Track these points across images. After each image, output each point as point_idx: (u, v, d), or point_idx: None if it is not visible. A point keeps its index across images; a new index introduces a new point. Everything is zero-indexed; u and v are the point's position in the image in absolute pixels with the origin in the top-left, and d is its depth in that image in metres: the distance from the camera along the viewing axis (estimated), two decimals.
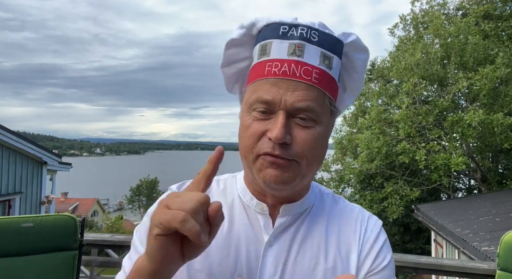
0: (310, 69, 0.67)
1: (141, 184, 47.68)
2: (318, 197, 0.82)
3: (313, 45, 0.68)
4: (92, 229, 26.84)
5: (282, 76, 0.66)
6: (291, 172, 0.67)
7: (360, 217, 0.79)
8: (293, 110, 0.65)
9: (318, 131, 0.68)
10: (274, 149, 0.65)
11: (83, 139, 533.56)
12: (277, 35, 0.69)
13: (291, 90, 0.65)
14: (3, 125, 8.42)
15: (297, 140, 0.66)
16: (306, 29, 0.68)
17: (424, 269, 2.34)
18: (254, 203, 0.75)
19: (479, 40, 11.60)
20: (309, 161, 0.68)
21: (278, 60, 0.67)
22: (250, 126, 0.68)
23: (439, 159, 10.80)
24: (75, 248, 1.79)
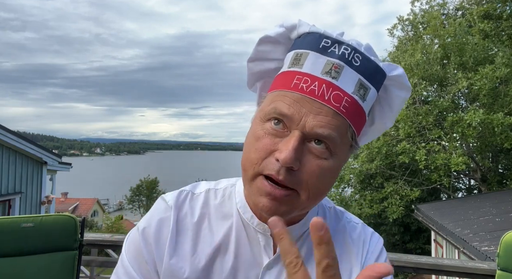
0: (342, 96, 0.60)
1: (141, 184, 47.67)
2: (320, 213, 0.77)
3: (353, 69, 0.61)
4: (92, 229, 26.84)
5: (309, 94, 0.59)
6: (289, 206, 0.61)
7: (363, 237, 0.75)
8: (311, 135, 0.58)
9: (331, 164, 0.60)
10: (278, 173, 0.58)
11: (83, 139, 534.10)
12: (317, 48, 0.62)
13: (314, 113, 0.58)
14: (3, 126, 8.43)
15: (305, 168, 0.59)
16: (350, 49, 0.62)
17: (424, 269, 2.34)
18: (255, 222, 0.69)
19: (478, 40, 11.61)
20: (311, 194, 0.61)
21: (309, 76, 0.60)
22: (260, 139, 0.61)
23: (439, 159, 10.81)
24: (75, 248, 1.79)
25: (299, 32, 0.66)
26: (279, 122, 0.60)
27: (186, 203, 0.72)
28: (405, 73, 0.68)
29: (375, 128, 0.72)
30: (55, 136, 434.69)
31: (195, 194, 0.74)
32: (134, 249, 0.69)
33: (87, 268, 2.98)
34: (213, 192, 0.75)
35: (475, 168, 13.36)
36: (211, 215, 0.71)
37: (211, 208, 0.73)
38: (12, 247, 1.69)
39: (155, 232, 0.68)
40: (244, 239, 0.69)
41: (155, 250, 0.67)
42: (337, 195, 14.31)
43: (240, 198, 0.72)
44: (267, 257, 0.68)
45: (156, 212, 0.71)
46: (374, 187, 13.99)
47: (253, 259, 0.68)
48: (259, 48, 0.70)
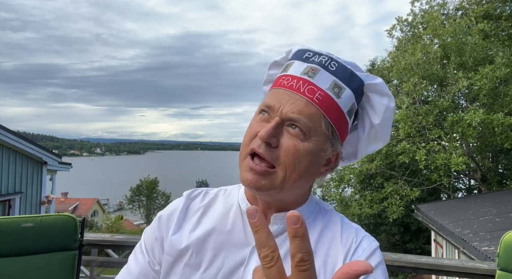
0: (315, 90, 0.71)
1: (141, 184, 47.62)
2: (314, 213, 0.81)
3: (328, 73, 0.73)
4: (92, 229, 26.85)
5: (288, 88, 0.72)
6: (268, 181, 0.69)
7: (353, 236, 0.77)
8: (287, 119, 0.69)
9: (306, 146, 0.70)
10: (259, 147, 0.69)
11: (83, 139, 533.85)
12: (301, 58, 0.77)
13: (290, 102, 0.70)
14: (3, 126, 8.42)
15: (282, 146, 0.69)
16: (327, 58, 0.75)
17: (424, 269, 2.34)
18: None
19: (478, 40, 11.60)
20: (288, 172, 0.69)
21: (291, 76, 0.74)
22: (252, 126, 0.74)
23: (439, 159, 10.80)
24: (75, 248, 1.79)
25: (293, 52, 0.81)
26: (265, 113, 0.73)
27: (198, 197, 0.86)
28: (384, 84, 0.78)
29: (372, 138, 0.82)
30: (55, 136, 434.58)
31: (208, 192, 0.88)
32: (151, 230, 0.83)
33: (87, 268, 2.98)
34: (223, 190, 0.88)
35: (475, 168, 13.36)
36: (217, 204, 0.84)
37: (218, 199, 0.85)
38: (12, 247, 1.69)
39: (167, 216, 0.82)
40: (239, 224, 0.79)
41: (165, 229, 0.80)
42: (337, 195, 14.30)
43: (241, 193, 0.84)
44: None
45: (173, 203, 0.87)
46: (374, 187, 13.99)
47: (245, 240, 0.76)
48: (269, 72, 0.88)
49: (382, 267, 0.75)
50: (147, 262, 0.80)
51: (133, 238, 2.64)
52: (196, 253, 0.77)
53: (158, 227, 0.82)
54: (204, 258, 0.76)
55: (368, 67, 17.09)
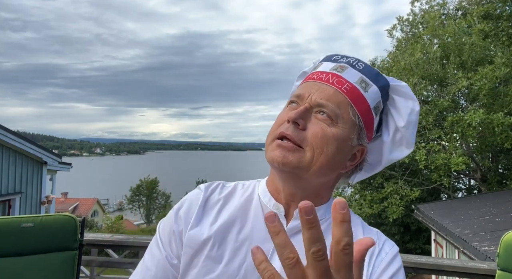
0: (343, 82, 0.75)
1: (141, 184, 47.64)
2: None
3: (356, 70, 0.77)
4: (92, 229, 26.85)
5: (318, 80, 0.77)
6: (295, 157, 0.70)
7: (375, 238, 0.78)
8: (315, 105, 0.73)
9: (333, 131, 0.72)
10: (287, 129, 0.71)
11: (83, 139, 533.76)
12: (330, 60, 0.82)
13: (319, 91, 0.74)
14: (3, 126, 8.42)
15: (310, 129, 0.72)
16: (354, 59, 0.80)
17: (424, 269, 2.34)
18: (272, 204, 0.79)
19: (478, 40, 11.59)
20: (316, 154, 0.71)
21: (321, 72, 0.78)
22: (282, 114, 0.77)
23: (439, 159, 10.80)
24: (75, 248, 1.79)
25: (320, 59, 0.85)
26: (294, 103, 0.76)
27: (216, 190, 0.85)
28: (410, 89, 0.80)
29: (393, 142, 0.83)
30: (55, 136, 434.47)
31: (226, 185, 0.87)
32: (167, 223, 0.81)
33: (87, 268, 2.98)
34: (241, 184, 0.87)
35: (475, 168, 13.35)
36: (236, 197, 0.83)
37: (237, 192, 0.85)
38: (12, 247, 1.69)
39: (186, 209, 0.81)
40: (260, 217, 0.78)
41: (184, 222, 0.79)
42: (337, 195, 14.30)
43: (262, 187, 0.83)
44: None
45: (189, 195, 0.84)
46: (374, 187, 13.99)
47: (266, 236, 0.72)
48: (297, 83, 0.90)
49: (403, 271, 0.76)
50: (165, 256, 0.78)
51: (133, 238, 2.64)
52: (218, 245, 0.75)
53: (175, 220, 0.80)
54: (226, 251, 0.75)
55: None
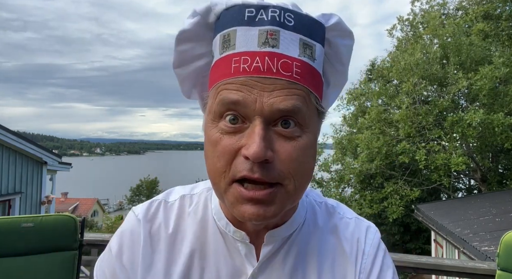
0: (290, 62, 0.52)
1: (141, 184, 47.66)
2: (310, 210, 0.69)
3: (290, 31, 0.53)
4: (92, 229, 26.84)
5: (254, 73, 0.51)
6: (277, 204, 0.53)
7: (357, 235, 0.68)
8: (274, 115, 0.51)
9: (306, 141, 0.53)
10: (252, 170, 0.50)
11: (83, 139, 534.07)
12: (243, 21, 0.53)
13: (268, 90, 0.51)
14: (3, 126, 8.42)
15: (280, 155, 0.51)
16: (278, 11, 0.53)
17: (424, 269, 2.34)
18: (231, 230, 0.62)
19: (476, 40, 11.59)
20: (298, 182, 0.53)
21: (247, 54, 0.52)
22: (219, 143, 0.52)
23: (439, 159, 10.80)
24: (75, 248, 1.79)
25: (216, 13, 0.56)
26: (235, 119, 0.52)
27: (159, 214, 0.65)
28: (342, 19, 0.60)
29: (334, 87, 0.65)
30: (55, 136, 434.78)
31: (168, 203, 0.67)
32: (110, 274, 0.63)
33: (87, 268, 2.98)
34: (188, 198, 0.68)
35: (475, 168, 13.35)
36: (186, 225, 0.65)
37: (185, 216, 0.66)
38: (12, 247, 1.69)
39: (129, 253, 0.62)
40: (222, 249, 0.63)
41: (131, 274, 0.62)
42: (337, 195, 14.30)
43: (215, 204, 0.65)
44: (251, 266, 0.61)
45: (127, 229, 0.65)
46: (374, 187, 13.98)
47: (236, 270, 0.62)
48: (179, 48, 0.60)
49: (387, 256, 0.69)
50: None
51: None
52: None
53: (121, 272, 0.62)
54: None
55: (368, 67, 17.09)
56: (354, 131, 15.65)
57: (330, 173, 14.94)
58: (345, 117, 16.55)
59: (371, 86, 15.62)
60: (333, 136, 16.32)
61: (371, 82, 16.12)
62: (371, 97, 14.19)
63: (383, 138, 12.38)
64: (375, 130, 12.80)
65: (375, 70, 16.16)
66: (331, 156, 15.36)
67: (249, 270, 0.61)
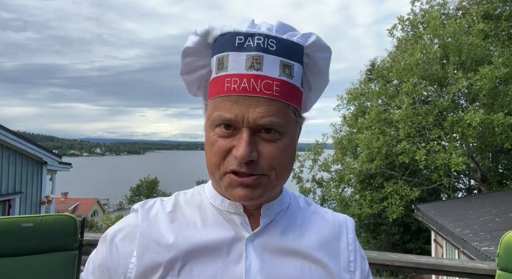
0: (271, 82, 0.65)
1: (141, 184, 47.67)
2: (293, 200, 0.82)
3: (271, 55, 0.66)
4: (92, 229, 26.85)
5: (242, 92, 0.64)
6: (261, 188, 0.67)
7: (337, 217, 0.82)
8: (257, 127, 0.64)
9: (285, 143, 0.67)
10: (240, 166, 0.64)
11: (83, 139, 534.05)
12: (233, 47, 0.66)
13: (252, 107, 0.64)
14: (3, 126, 8.42)
15: (264, 154, 0.65)
16: (262, 38, 0.66)
17: (424, 269, 2.34)
18: (226, 205, 0.74)
19: (476, 40, 11.59)
20: (278, 173, 0.68)
21: (236, 76, 0.65)
22: (215, 143, 0.67)
23: (439, 159, 10.80)
24: (75, 248, 1.79)
25: (213, 36, 0.70)
26: (228, 126, 0.66)
27: (155, 205, 0.75)
28: (319, 37, 0.71)
29: (315, 91, 0.78)
30: (55, 136, 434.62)
31: (164, 200, 0.78)
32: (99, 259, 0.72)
33: None
34: (182, 194, 0.80)
35: (475, 168, 13.35)
36: (183, 208, 0.75)
37: (181, 203, 0.77)
38: (12, 247, 1.69)
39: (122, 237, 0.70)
40: (221, 221, 0.73)
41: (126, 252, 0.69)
42: (337, 195, 14.29)
43: (209, 191, 0.77)
44: (246, 232, 0.72)
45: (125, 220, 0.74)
46: (374, 187, 13.98)
47: (234, 235, 0.71)
48: (185, 60, 0.75)
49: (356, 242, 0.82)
50: None
51: None
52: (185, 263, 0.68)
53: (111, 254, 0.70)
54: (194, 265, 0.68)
55: (368, 67, 17.09)
56: (354, 131, 15.65)
57: (330, 173, 14.93)
58: (345, 117, 16.54)
59: (371, 86, 15.61)
60: (333, 136, 16.32)
61: (371, 82, 16.11)
62: (371, 97, 14.18)
63: (383, 138, 12.38)
64: (375, 130, 12.79)
65: (375, 70, 16.16)
66: (331, 156, 15.35)
67: (246, 235, 0.71)
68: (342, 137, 15.86)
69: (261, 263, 0.69)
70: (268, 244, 0.72)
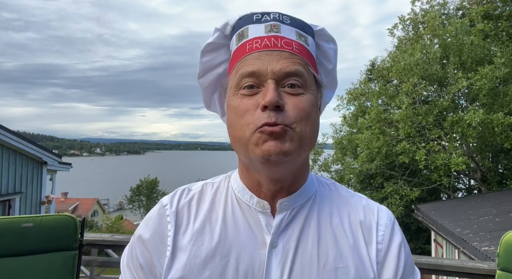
0: (290, 42, 0.68)
1: (141, 184, 47.66)
2: (320, 187, 0.77)
3: (287, 25, 0.70)
4: (92, 229, 26.81)
5: (264, 48, 0.66)
6: (291, 142, 0.63)
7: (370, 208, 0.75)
8: (282, 77, 0.64)
9: (308, 98, 0.66)
10: (270, 117, 0.62)
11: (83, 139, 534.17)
12: (252, 22, 0.70)
13: (275, 60, 0.65)
14: (3, 126, 8.42)
15: (289, 106, 0.64)
16: (278, 14, 0.71)
17: (424, 269, 2.34)
18: (254, 202, 0.70)
19: (477, 40, 11.59)
20: (303, 128, 0.64)
21: (257, 38, 0.68)
22: (240, 105, 0.65)
23: (439, 159, 10.80)
24: (75, 248, 1.79)
25: (231, 24, 0.73)
26: (251, 86, 0.65)
27: (182, 199, 0.75)
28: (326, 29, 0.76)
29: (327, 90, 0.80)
30: (55, 136, 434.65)
31: (191, 190, 0.77)
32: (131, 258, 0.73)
33: (87, 268, 2.98)
34: (210, 185, 0.78)
35: (475, 168, 13.35)
36: (207, 204, 0.74)
37: (206, 198, 0.75)
38: (12, 247, 1.69)
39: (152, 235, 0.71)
40: (244, 221, 0.70)
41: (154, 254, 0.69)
42: None
43: (236, 184, 0.75)
44: (269, 236, 0.68)
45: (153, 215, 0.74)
46: (374, 187, 13.98)
47: (256, 240, 0.68)
48: (204, 59, 0.76)
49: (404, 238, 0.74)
50: None
51: None
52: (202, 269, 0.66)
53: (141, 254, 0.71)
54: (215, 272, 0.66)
55: (368, 67, 17.08)
56: (354, 131, 15.64)
57: (330, 173, 14.93)
58: (345, 117, 16.54)
59: (371, 86, 15.61)
60: (333, 136, 16.32)
61: (371, 82, 16.11)
62: (371, 97, 14.17)
63: (383, 138, 12.38)
64: (375, 130, 12.79)
65: (375, 70, 16.15)
66: (331, 156, 15.35)
67: (268, 239, 0.68)
68: (342, 137, 15.85)
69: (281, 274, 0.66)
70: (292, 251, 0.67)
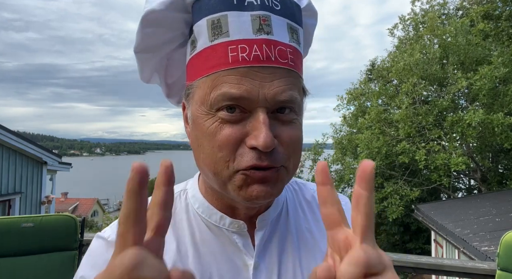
0: (284, 49, 0.52)
1: None
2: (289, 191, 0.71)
3: (278, 16, 0.53)
4: (92, 229, 26.82)
5: (254, 63, 0.50)
6: (280, 183, 0.54)
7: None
8: (275, 105, 0.51)
9: (299, 124, 0.56)
10: (261, 159, 0.50)
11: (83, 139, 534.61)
12: (232, 5, 0.51)
13: (268, 80, 0.50)
14: (3, 126, 8.42)
15: (282, 139, 0.52)
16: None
17: (424, 269, 2.33)
18: (227, 223, 0.60)
19: (476, 40, 11.59)
20: (294, 161, 0.55)
21: (243, 42, 0.50)
22: (219, 132, 0.51)
23: (439, 159, 10.80)
24: (75, 248, 1.79)
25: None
26: (232, 109, 0.50)
27: None
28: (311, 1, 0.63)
29: None
30: (55, 136, 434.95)
31: None
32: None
33: None
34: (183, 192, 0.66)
35: (475, 168, 13.35)
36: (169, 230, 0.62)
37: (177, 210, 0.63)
38: (12, 247, 1.69)
39: None
40: (217, 246, 0.59)
41: None
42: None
43: (199, 203, 0.62)
44: (250, 257, 0.59)
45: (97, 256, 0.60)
46: (374, 187, 13.96)
47: (235, 264, 0.59)
48: (146, 31, 0.56)
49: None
50: None
51: None
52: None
53: None
54: None
55: (368, 67, 17.08)
56: (354, 131, 15.65)
57: (330, 173, 14.91)
58: (345, 117, 16.54)
59: (371, 86, 15.61)
60: (333, 136, 16.32)
61: (371, 82, 16.11)
62: (371, 97, 14.18)
63: (383, 138, 12.38)
64: (375, 130, 12.80)
65: (375, 70, 16.15)
66: (331, 156, 15.35)
67: (249, 261, 0.59)
68: (342, 137, 15.85)
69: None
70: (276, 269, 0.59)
